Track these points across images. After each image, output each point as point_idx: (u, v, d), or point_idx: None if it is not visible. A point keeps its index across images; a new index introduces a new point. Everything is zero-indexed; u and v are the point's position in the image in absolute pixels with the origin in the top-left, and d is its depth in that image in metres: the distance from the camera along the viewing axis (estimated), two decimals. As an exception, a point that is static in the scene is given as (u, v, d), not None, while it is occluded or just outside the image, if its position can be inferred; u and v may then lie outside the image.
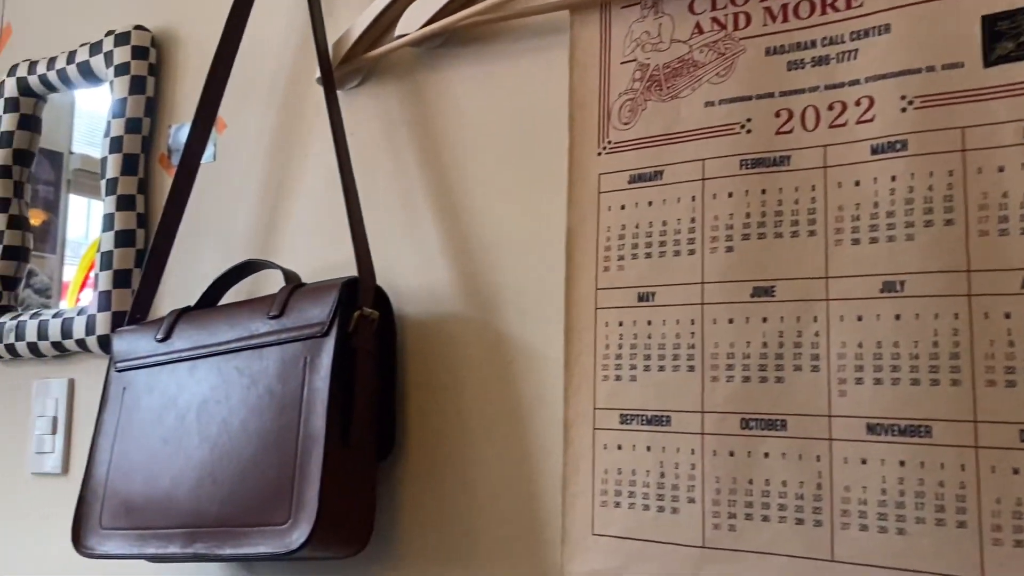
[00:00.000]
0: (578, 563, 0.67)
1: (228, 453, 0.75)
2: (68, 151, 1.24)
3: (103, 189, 1.00)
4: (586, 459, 0.68)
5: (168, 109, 1.01)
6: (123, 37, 1.00)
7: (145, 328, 0.87)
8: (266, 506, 0.72)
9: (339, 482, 0.71)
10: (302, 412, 0.73)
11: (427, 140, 0.82)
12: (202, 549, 0.74)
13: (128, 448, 0.82)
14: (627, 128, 0.70)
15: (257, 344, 0.78)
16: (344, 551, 0.74)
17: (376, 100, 0.86)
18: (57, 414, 1.04)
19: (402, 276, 0.82)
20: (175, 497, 0.77)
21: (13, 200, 1.11)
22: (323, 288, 0.77)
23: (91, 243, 1.42)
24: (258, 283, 0.90)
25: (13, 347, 1.05)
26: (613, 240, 0.69)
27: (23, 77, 1.10)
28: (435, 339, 0.79)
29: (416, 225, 0.82)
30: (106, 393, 0.86)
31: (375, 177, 0.85)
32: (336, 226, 0.86)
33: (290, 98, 0.92)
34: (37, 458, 1.05)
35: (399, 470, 0.79)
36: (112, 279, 0.97)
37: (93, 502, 0.83)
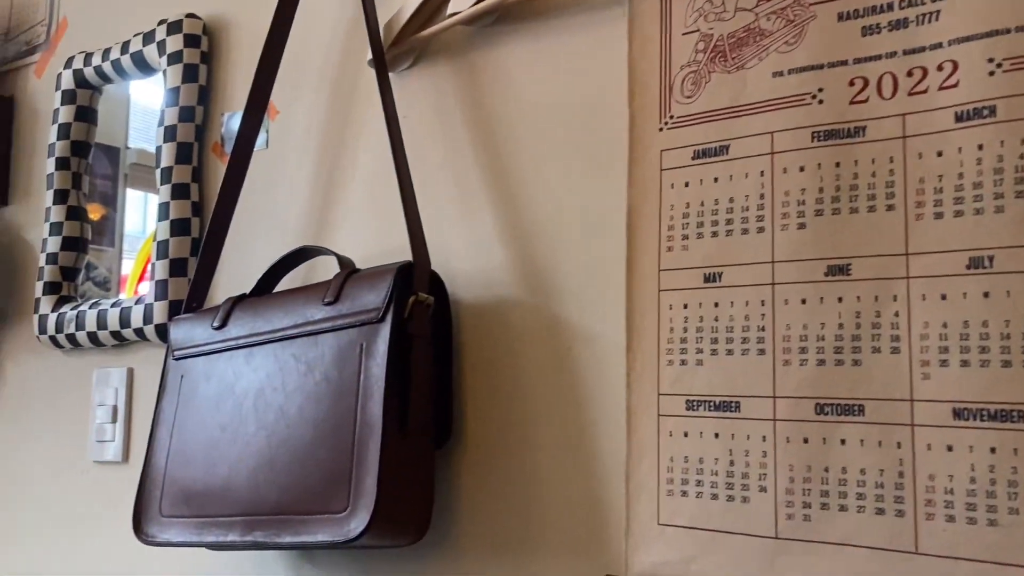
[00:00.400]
0: (643, 554, 0.65)
1: (285, 440, 0.75)
2: (124, 146, 1.25)
3: (158, 178, 1.00)
4: (650, 447, 0.65)
5: (221, 97, 1.01)
6: (175, 26, 1.00)
7: (202, 316, 0.86)
8: (324, 494, 0.71)
9: (397, 470, 0.70)
10: (359, 399, 0.72)
11: (481, 120, 0.80)
12: (261, 537, 0.73)
13: (186, 436, 0.82)
14: (690, 102, 0.67)
15: (313, 331, 0.77)
16: (402, 540, 0.73)
17: (428, 81, 0.84)
18: (117, 403, 1.05)
19: (457, 260, 0.80)
20: (233, 485, 0.77)
21: (72, 191, 1.12)
22: (378, 274, 0.75)
23: (148, 236, 1.44)
24: (312, 270, 0.90)
25: (74, 337, 1.06)
26: (676, 219, 0.66)
27: (79, 69, 1.11)
28: (491, 325, 0.77)
29: (470, 208, 0.80)
30: (164, 381, 0.87)
31: (428, 160, 0.83)
32: (389, 210, 0.85)
33: (341, 82, 0.91)
34: (98, 446, 1.06)
35: (456, 458, 0.77)
36: (168, 268, 0.97)
37: (153, 490, 0.83)
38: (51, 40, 1.22)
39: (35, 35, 1.25)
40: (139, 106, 1.28)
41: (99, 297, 1.18)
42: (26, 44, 1.25)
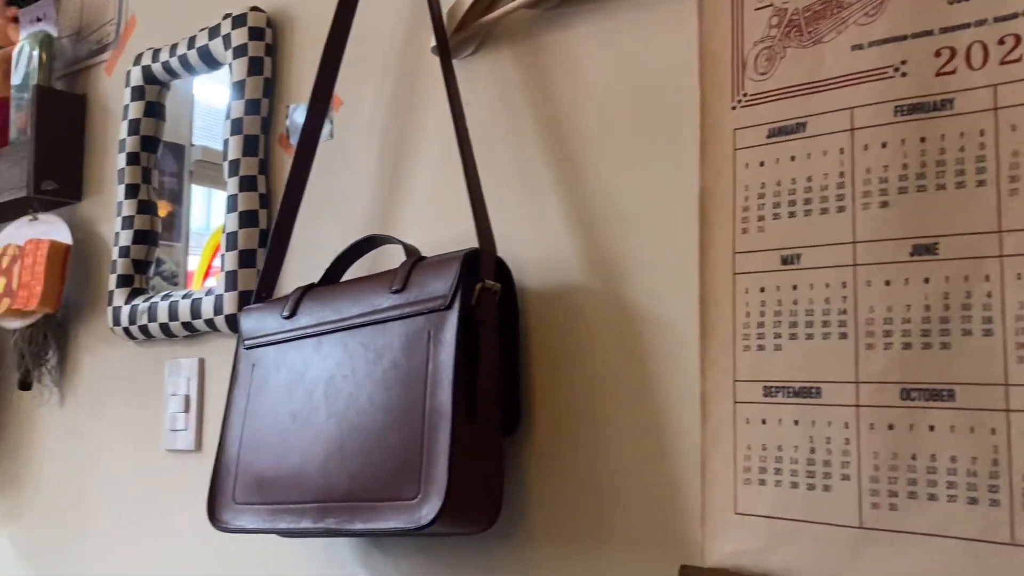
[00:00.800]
0: (721, 543, 0.63)
1: (356, 428, 0.75)
2: (189, 143, 1.27)
3: (225, 171, 1.01)
4: (726, 434, 0.64)
5: (286, 89, 1.02)
6: (240, 19, 1.01)
7: (271, 306, 0.87)
8: (395, 481, 0.71)
9: (467, 457, 0.70)
10: (428, 386, 0.72)
11: (546, 104, 0.79)
12: (333, 524, 0.74)
13: (258, 424, 0.83)
14: (764, 79, 0.65)
15: (381, 319, 0.77)
16: (473, 527, 0.73)
17: (492, 67, 0.84)
18: (189, 392, 1.07)
19: (523, 247, 0.79)
20: (305, 472, 0.77)
21: (142, 186, 1.14)
22: (444, 261, 0.75)
23: (213, 232, 1.46)
24: (379, 258, 0.90)
25: (146, 328, 1.08)
26: (752, 200, 0.64)
27: (147, 65, 1.13)
28: (559, 311, 0.77)
29: (536, 194, 0.79)
30: (236, 371, 0.88)
31: (492, 146, 0.83)
32: (455, 198, 0.84)
33: (404, 70, 0.91)
34: (171, 435, 1.09)
35: (525, 446, 0.77)
36: (237, 259, 0.99)
37: (226, 477, 0.84)
38: (120, 38, 1.24)
39: (105, 34, 1.27)
40: (202, 104, 1.30)
41: (165, 292, 1.20)
42: (96, 43, 1.28)
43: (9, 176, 1.24)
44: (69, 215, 1.25)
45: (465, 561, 0.79)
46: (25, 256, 1.19)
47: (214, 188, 1.39)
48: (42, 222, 1.24)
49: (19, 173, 1.23)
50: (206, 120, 1.33)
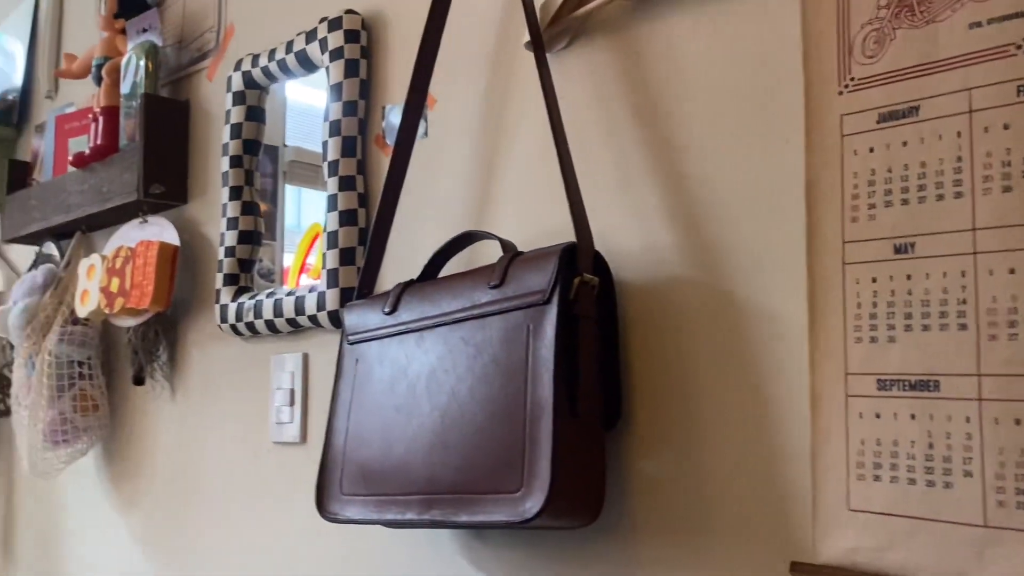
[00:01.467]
0: (834, 540, 0.62)
1: (458, 421, 0.76)
2: (283, 144, 1.30)
3: (325, 171, 1.04)
4: (838, 429, 0.62)
5: (381, 90, 1.04)
6: (335, 22, 1.04)
7: (373, 302, 0.89)
8: (498, 474, 0.72)
9: (569, 451, 0.70)
10: (528, 381, 0.72)
11: (642, 94, 0.79)
12: (439, 516, 0.75)
13: (363, 417, 0.86)
14: (873, 62, 0.63)
15: (480, 314, 0.78)
16: (575, 521, 0.73)
17: (586, 59, 0.83)
18: (293, 386, 1.10)
19: (620, 240, 0.79)
20: (410, 464, 0.79)
21: (245, 187, 1.18)
22: (542, 256, 0.75)
23: (306, 230, 1.50)
24: (475, 254, 0.91)
25: (252, 325, 1.12)
26: (861, 187, 0.62)
27: (247, 71, 1.17)
28: (658, 304, 0.76)
29: (633, 185, 0.79)
30: (340, 365, 0.90)
31: (587, 139, 0.82)
32: (550, 192, 0.85)
33: (498, 67, 0.92)
34: (277, 428, 1.12)
35: (626, 440, 0.77)
36: (338, 257, 1.01)
37: (333, 469, 0.87)
38: (220, 45, 1.29)
39: (205, 41, 1.32)
40: (293, 105, 1.34)
41: (269, 289, 1.24)
42: (198, 50, 1.33)
43: (120, 181, 1.31)
44: (176, 217, 1.31)
45: (568, 555, 0.79)
46: (136, 257, 1.25)
47: (307, 187, 1.43)
48: (151, 224, 1.30)
49: (129, 178, 1.29)
50: (298, 121, 1.37)
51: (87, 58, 1.45)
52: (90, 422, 1.37)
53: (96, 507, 1.45)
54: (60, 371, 1.36)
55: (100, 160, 1.34)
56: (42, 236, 1.54)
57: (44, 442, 1.35)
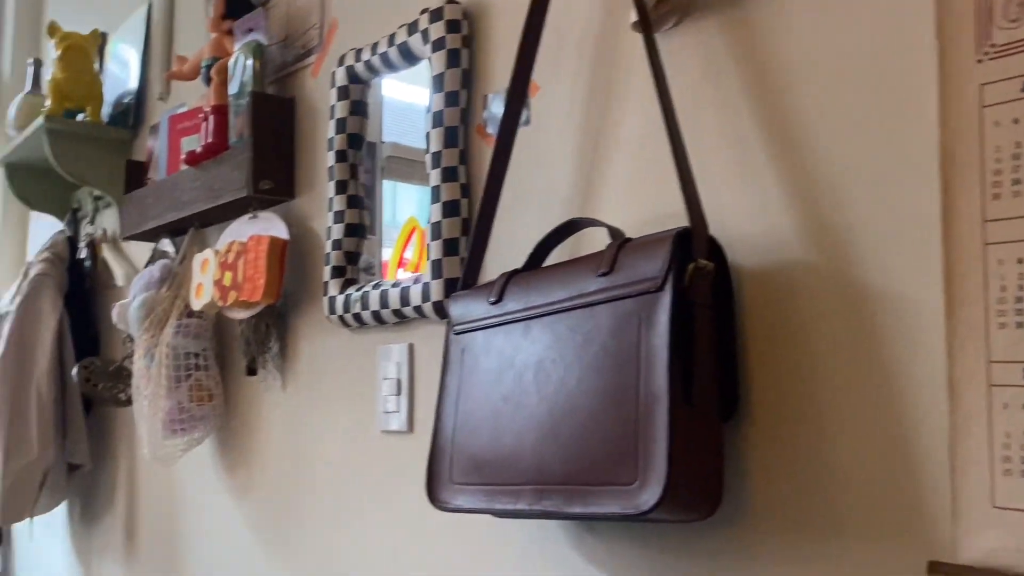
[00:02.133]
0: (976, 539, 0.58)
1: (568, 411, 0.75)
2: (380, 140, 1.31)
3: (428, 163, 1.04)
4: (980, 421, 0.58)
5: (483, 79, 1.03)
6: (437, 13, 1.04)
7: (478, 292, 0.89)
8: (611, 465, 0.70)
9: (686, 443, 0.68)
10: (640, 371, 0.70)
11: (756, 71, 0.75)
12: (550, 506, 0.74)
13: (471, 407, 0.85)
14: (1016, 26, 0.58)
15: (588, 302, 0.76)
16: (693, 515, 0.71)
17: (696, 37, 0.81)
18: (400, 376, 1.12)
19: (735, 224, 0.76)
20: (519, 454, 0.78)
21: (350, 181, 1.20)
22: (654, 241, 0.73)
23: (403, 224, 1.51)
24: (581, 242, 0.89)
25: (359, 316, 1.14)
26: (1005, 162, 0.58)
27: (351, 66, 1.18)
28: (778, 290, 0.73)
29: (750, 167, 0.76)
30: (447, 355, 0.90)
31: (699, 120, 0.80)
32: (659, 177, 0.82)
33: (602, 50, 0.90)
34: (384, 417, 1.14)
35: (745, 431, 0.74)
36: (442, 248, 1.02)
37: (443, 458, 0.87)
38: (324, 41, 1.31)
39: (309, 39, 1.35)
40: (389, 103, 1.35)
41: (375, 281, 1.26)
42: (302, 48, 1.36)
43: (231, 178, 1.35)
44: (284, 212, 1.34)
45: (684, 549, 0.77)
46: (248, 251, 1.29)
47: (404, 183, 1.44)
48: (261, 219, 1.33)
49: (239, 175, 1.33)
50: (394, 118, 1.38)
51: (197, 60, 1.50)
52: (206, 411, 1.42)
53: (212, 493, 1.50)
54: (177, 362, 1.41)
55: (211, 158, 1.39)
56: (158, 233, 1.60)
57: (163, 430, 1.41)
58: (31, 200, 2.11)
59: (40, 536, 2.13)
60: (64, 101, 1.82)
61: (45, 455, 1.79)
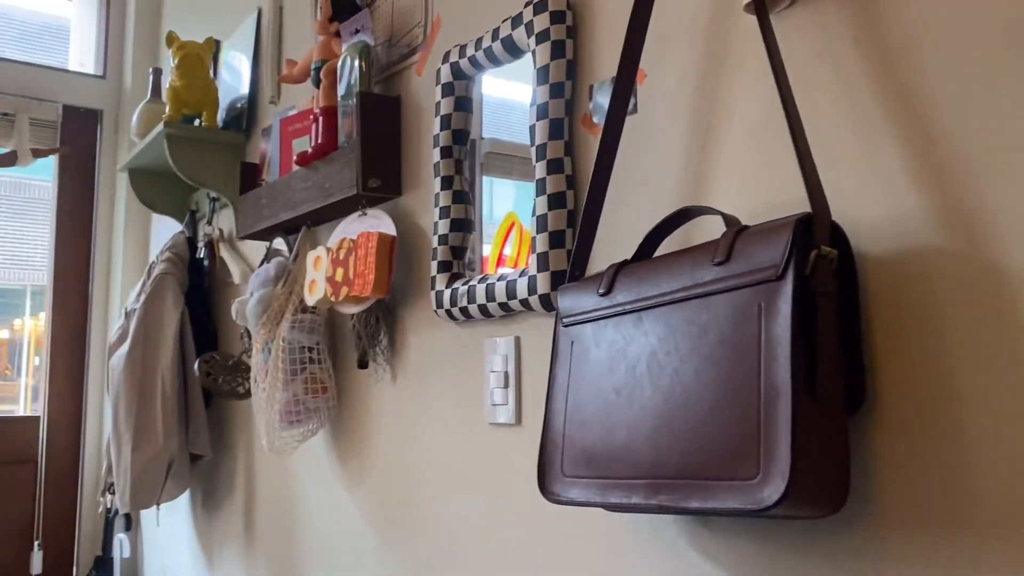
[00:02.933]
0: None
1: (684, 404, 0.74)
2: (479, 136, 1.32)
3: (533, 155, 1.04)
4: None
5: (588, 69, 1.03)
6: (541, 5, 1.03)
7: (586, 284, 0.88)
8: (730, 459, 0.68)
9: (809, 436, 0.66)
10: (761, 362, 0.68)
11: (880, 50, 0.72)
12: (666, 501, 0.73)
13: (581, 400, 0.85)
14: None
15: (704, 292, 0.75)
16: (817, 511, 0.69)
17: (811, 17, 0.78)
18: (507, 369, 1.12)
19: (860, 209, 0.73)
20: (633, 448, 0.77)
21: (455, 177, 1.21)
22: (773, 229, 0.71)
23: (502, 220, 1.52)
24: (692, 231, 0.87)
25: (466, 310, 1.15)
26: None
27: (455, 62, 1.19)
28: (906, 278, 0.69)
29: (873, 149, 0.72)
30: (556, 348, 0.90)
31: (817, 101, 0.77)
32: (775, 162, 0.80)
33: (712, 35, 0.88)
34: (492, 409, 1.15)
35: (872, 425, 0.71)
36: (548, 240, 1.01)
37: (554, 451, 0.87)
38: (428, 39, 1.33)
39: (413, 37, 1.37)
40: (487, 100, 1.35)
41: (481, 275, 1.26)
42: (407, 46, 1.38)
43: (341, 177, 1.38)
44: (392, 208, 1.37)
45: (808, 546, 0.75)
46: (358, 248, 1.32)
47: (503, 178, 1.44)
48: (370, 216, 1.36)
49: (349, 174, 1.36)
50: (492, 115, 1.39)
51: (306, 63, 1.54)
52: (319, 403, 1.47)
53: (325, 483, 1.55)
54: (292, 356, 1.46)
55: (321, 158, 1.43)
56: (272, 232, 1.66)
57: (280, 422, 1.46)
58: (153, 203, 2.22)
59: (166, 522, 2.24)
60: (182, 107, 1.90)
61: (169, 446, 1.88)
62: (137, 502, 1.89)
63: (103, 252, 2.69)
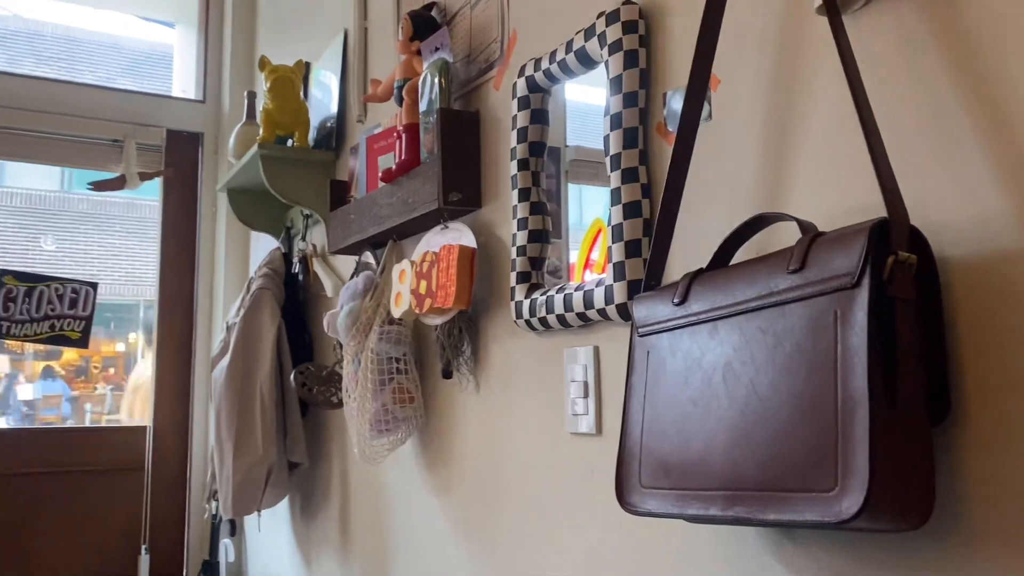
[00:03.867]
0: None
1: (760, 415, 0.73)
2: (564, 145, 1.33)
3: (608, 165, 1.05)
4: None
5: (661, 77, 1.02)
6: (613, 16, 1.04)
7: (661, 293, 0.88)
8: (808, 471, 0.67)
9: (889, 448, 0.64)
10: (838, 372, 0.67)
11: (960, 46, 0.70)
12: (743, 513, 0.72)
13: (658, 410, 0.85)
14: None
15: (779, 301, 0.73)
16: (900, 524, 0.67)
17: (888, 17, 0.76)
18: (587, 379, 1.12)
19: (939, 212, 0.71)
20: (710, 459, 0.77)
21: (532, 188, 1.23)
22: (848, 234, 0.69)
23: (589, 227, 1.52)
24: (768, 238, 0.86)
25: (545, 320, 1.16)
26: None
27: (530, 75, 1.21)
28: (992, 282, 0.67)
29: (955, 148, 0.70)
30: (632, 358, 0.90)
31: (895, 102, 0.75)
32: (852, 166, 0.78)
33: (786, 38, 0.86)
34: (573, 419, 1.15)
35: (959, 438, 0.68)
36: (624, 250, 1.01)
37: (631, 462, 0.87)
38: (505, 53, 1.35)
39: (491, 52, 1.39)
40: (573, 106, 1.36)
41: (559, 285, 1.27)
42: (485, 62, 1.41)
43: (423, 192, 1.42)
44: (472, 221, 1.39)
45: (893, 560, 0.72)
46: (440, 260, 1.35)
47: (589, 185, 1.44)
48: (451, 229, 1.39)
49: (430, 188, 1.39)
50: (579, 121, 1.40)
51: (389, 82, 1.59)
52: (407, 413, 1.50)
53: (415, 490, 1.58)
54: (380, 367, 1.50)
55: (405, 174, 1.47)
56: (361, 246, 1.71)
57: (370, 431, 1.50)
58: (251, 221, 2.32)
59: (267, 528, 2.33)
60: (275, 129, 1.98)
61: (268, 454, 1.96)
62: (239, 508, 1.97)
63: (206, 268, 2.83)
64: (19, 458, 2.56)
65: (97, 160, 2.67)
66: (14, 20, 2.96)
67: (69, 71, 3.10)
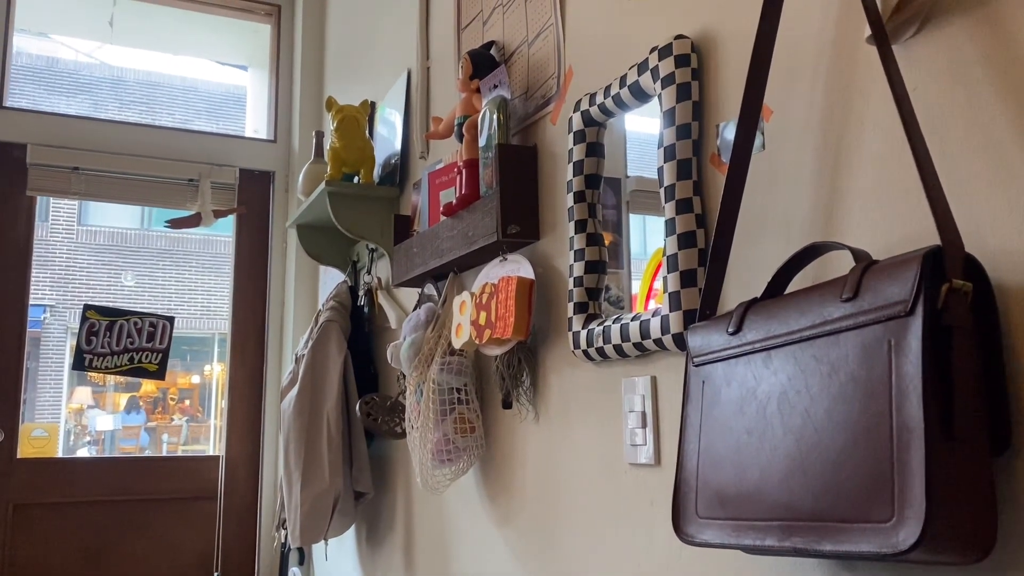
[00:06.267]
0: None
1: (815, 445, 0.72)
2: (624, 176, 1.34)
3: (662, 196, 1.06)
4: None
5: (714, 109, 1.03)
6: (665, 50, 1.06)
7: (716, 323, 0.89)
8: (864, 501, 0.67)
9: (947, 478, 0.63)
10: (893, 401, 0.66)
11: (1012, 73, 0.69)
12: (800, 543, 0.72)
13: (713, 440, 0.85)
14: None
15: (832, 330, 0.73)
16: (960, 558, 0.65)
17: (939, 45, 0.76)
18: (645, 409, 1.13)
19: (996, 240, 0.70)
20: (765, 489, 0.76)
21: (589, 220, 1.24)
22: (901, 263, 0.69)
23: (651, 257, 1.53)
24: (824, 267, 0.86)
25: (602, 350, 1.17)
26: None
27: (586, 110, 1.23)
28: (1052, 309, 0.66)
29: (1008, 177, 0.69)
30: (687, 387, 0.90)
31: (947, 132, 0.74)
32: (905, 194, 0.77)
33: (837, 68, 0.87)
34: (632, 450, 1.15)
35: (1021, 468, 0.67)
36: (679, 280, 1.02)
37: (687, 492, 0.87)
38: (561, 89, 1.38)
39: (548, 88, 1.42)
40: (633, 135, 1.38)
41: (616, 315, 1.28)
42: (542, 98, 1.44)
43: (482, 225, 1.45)
44: (530, 253, 1.41)
45: (955, 594, 0.71)
46: (499, 292, 1.37)
47: (650, 215, 1.45)
48: (510, 261, 1.42)
49: (490, 222, 1.42)
50: (640, 151, 1.41)
51: (450, 119, 1.63)
52: (468, 443, 1.52)
53: (477, 520, 1.59)
54: (442, 397, 1.53)
55: (465, 208, 1.50)
56: (423, 279, 1.75)
57: (432, 460, 1.53)
58: (319, 255, 2.39)
59: (334, 556, 2.37)
60: (342, 166, 2.05)
61: (335, 483, 2.00)
62: (306, 537, 2.01)
63: (276, 302, 2.91)
64: (99, 486, 2.67)
65: (174, 199, 2.79)
66: (100, 68, 3.13)
67: (150, 114, 3.27)
